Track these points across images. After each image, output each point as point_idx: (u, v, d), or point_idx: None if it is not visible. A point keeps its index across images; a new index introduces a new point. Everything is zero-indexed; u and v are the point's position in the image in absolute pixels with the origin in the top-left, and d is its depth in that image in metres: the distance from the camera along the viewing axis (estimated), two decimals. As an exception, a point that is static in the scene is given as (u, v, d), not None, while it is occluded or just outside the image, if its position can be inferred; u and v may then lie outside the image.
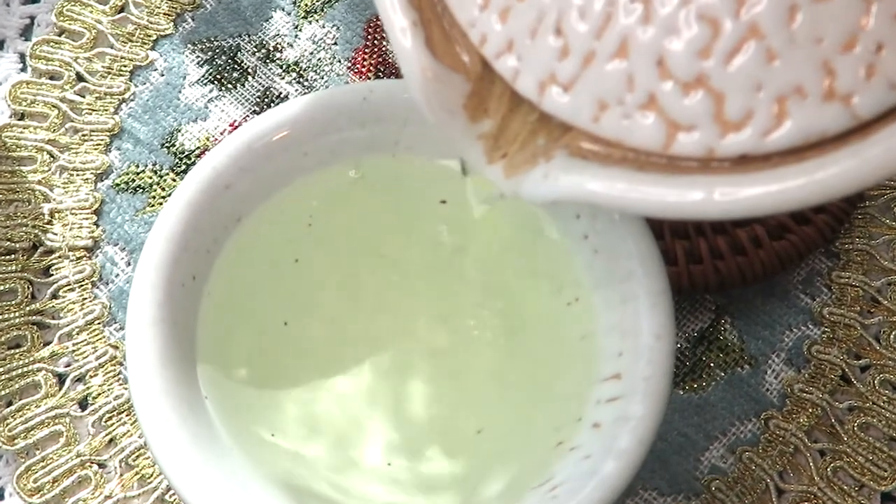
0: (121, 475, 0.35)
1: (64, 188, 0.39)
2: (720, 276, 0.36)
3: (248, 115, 0.41)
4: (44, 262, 0.38)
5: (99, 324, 0.37)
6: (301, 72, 0.41)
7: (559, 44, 0.23)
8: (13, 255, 0.38)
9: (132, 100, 0.41)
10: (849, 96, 0.20)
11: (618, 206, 0.22)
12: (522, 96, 0.24)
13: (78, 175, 0.39)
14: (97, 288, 0.38)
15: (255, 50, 0.42)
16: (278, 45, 0.42)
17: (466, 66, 0.25)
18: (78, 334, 0.37)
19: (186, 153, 0.40)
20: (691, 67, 0.21)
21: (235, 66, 0.41)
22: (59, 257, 0.38)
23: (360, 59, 0.41)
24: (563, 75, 0.23)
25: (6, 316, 0.37)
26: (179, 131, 0.40)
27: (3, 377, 0.36)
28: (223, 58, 0.42)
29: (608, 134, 0.23)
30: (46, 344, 0.37)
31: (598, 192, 0.23)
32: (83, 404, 0.36)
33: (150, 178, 0.39)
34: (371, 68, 0.41)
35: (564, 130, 0.24)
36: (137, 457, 0.35)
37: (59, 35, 0.42)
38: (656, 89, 0.22)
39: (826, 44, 0.20)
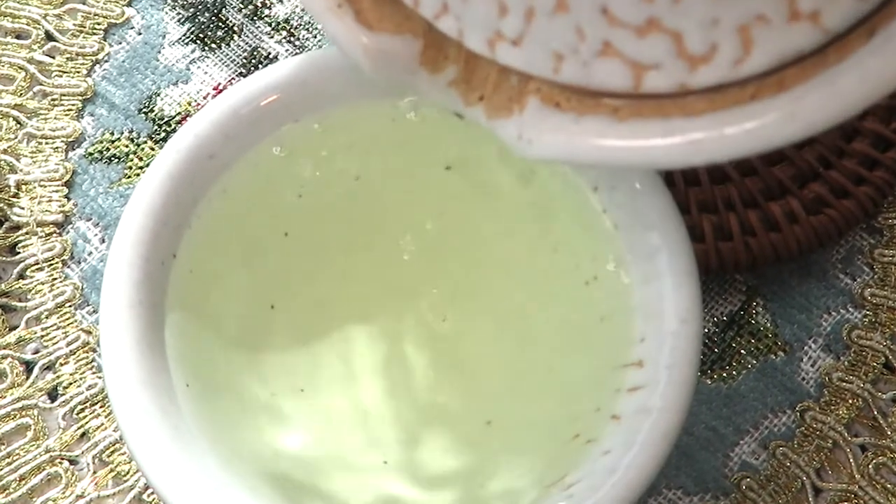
0: (94, 472, 0.35)
1: (32, 158, 0.39)
2: (752, 255, 0.35)
3: (233, 78, 0.40)
4: (9, 239, 0.38)
5: (70, 306, 0.37)
6: (292, 30, 0.41)
7: (494, 1, 0.23)
8: (-24, 232, 0.38)
9: (106, 61, 0.41)
10: (815, 14, 0.20)
11: (597, 159, 0.23)
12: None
13: (47, 143, 0.39)
14: (68, 267, 0.38)
15: (242, 6, 0.41)
16: (266, 1, 0.42)
17: (411, 25, 0.25)
18: (47, 318, 0.37)
19: (166, 119, 0.40)
20: (639, 12, 0.21)
21: (220, 24, 0.41)
22: (27, 233, 0.38)
23: (356, 16, 0.41)
24: (509, 32, 0.23)
25: (-31, 298, 0.37)
26: (158, 95, 0.40)
27: (-35, 365, 0.36)
28: (206, 15, 0.41)
29: (572, 81, 0.23)
30: (12, 328, 0.37)
31: (577, 146, 0.23)
32: (53, 395, 0.36)
33: (127, 146, 0.39)
34: (368, 26, 0.41)
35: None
36: (112, 452, 0.35)
37: (26, -10, 0.42)
38: (609, 37, 0.22)
39: None
